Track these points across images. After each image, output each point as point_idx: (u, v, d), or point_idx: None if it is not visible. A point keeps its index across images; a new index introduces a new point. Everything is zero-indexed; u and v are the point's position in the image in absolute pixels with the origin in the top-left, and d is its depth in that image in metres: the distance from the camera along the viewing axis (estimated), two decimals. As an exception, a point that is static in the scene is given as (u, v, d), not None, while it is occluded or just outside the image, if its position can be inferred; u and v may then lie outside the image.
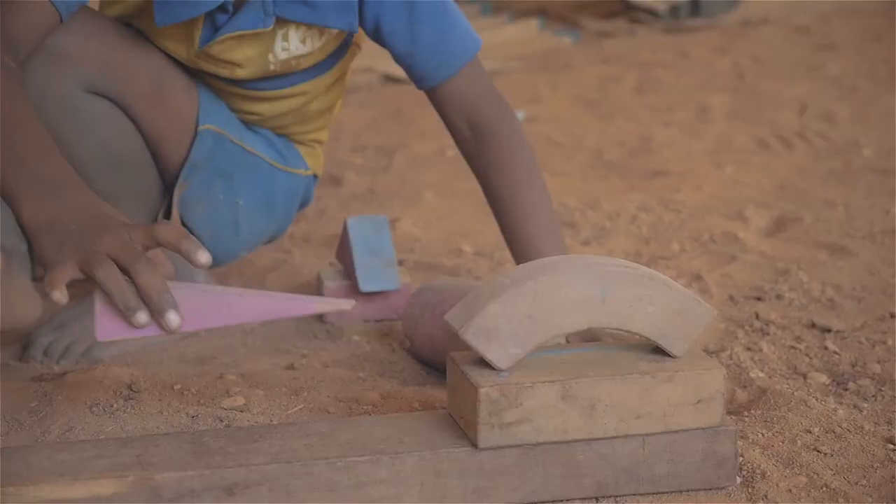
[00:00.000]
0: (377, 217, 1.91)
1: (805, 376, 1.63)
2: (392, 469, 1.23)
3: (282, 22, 1.61)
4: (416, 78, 1.66)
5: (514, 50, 4.07)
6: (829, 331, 1.79)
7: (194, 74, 1.69)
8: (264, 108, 1.74)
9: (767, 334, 1.78)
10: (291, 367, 1.67)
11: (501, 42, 4.11)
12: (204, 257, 1.20)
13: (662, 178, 2.67)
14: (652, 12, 4.40)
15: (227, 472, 1.19)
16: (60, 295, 1.18)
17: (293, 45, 1.65)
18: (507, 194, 1.65)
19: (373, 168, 2.81)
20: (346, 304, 1.27)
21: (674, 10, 4.38)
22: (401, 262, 2.09)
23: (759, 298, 1.94)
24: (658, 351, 1.33)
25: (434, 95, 1.67)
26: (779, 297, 1.94)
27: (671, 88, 3.57)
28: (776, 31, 4.32)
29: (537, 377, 1.26)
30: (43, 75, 1.53)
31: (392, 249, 1.88)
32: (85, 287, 1.23)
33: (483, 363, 1.28)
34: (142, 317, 1.18)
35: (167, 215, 1.73)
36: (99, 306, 1.19)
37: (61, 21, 1.47)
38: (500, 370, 1.27)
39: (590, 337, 1.51)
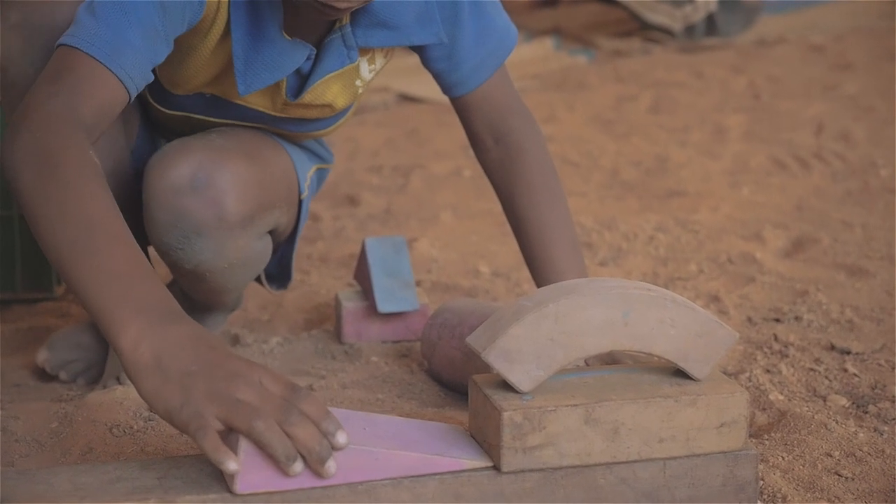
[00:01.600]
0: (395, 238, 1.91)
1: (825, 399, 1.63)
2: (413, 492, 1.22)
3: (364, 49, 1.56)
4: (450, 84, 1.61)
5: (530, 69, 4.08)
6: (848, 353, 1.79)
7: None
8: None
9: (786, 356, 1.78)
10: (310, 388, 1.67)
11: (517, 61, 4.12)
12: (343, 439, 1.14)
13: (679, 198, 2.67)
14: (667, 31, 4.40)
15: (249, 495, 1.19)
16: (236, 465, 1.11)
17: (378, 64, 1.60)
18: (530, 214, 1.63)
19: (389, 188, 2.81)
20: (486, 462, 1.25)
21: (689, 30, 4.38)
22: (418, 283, 2.10)
23: (777, 320, 1.94)
24: (680, 374, 1.33)
25: (461, 103, 1.63)
26: (797, 318, 1.94)
27: (687, 108, 3.57)
28: (792, 50, 4.32)
29: (560, 401, 1.26)
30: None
31: (410, 270, 1.88)
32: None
33: (505, 386, 1.27)
34: (299, 466, 1.13)
35: None
36: (246, 459, 1.13)
37: (129, 98, 1.38)
38: (523, 393, 1.27)
39: (610, 359, 1.51)
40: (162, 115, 1.64)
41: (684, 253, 2.29)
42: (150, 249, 1.68)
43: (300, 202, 1.70)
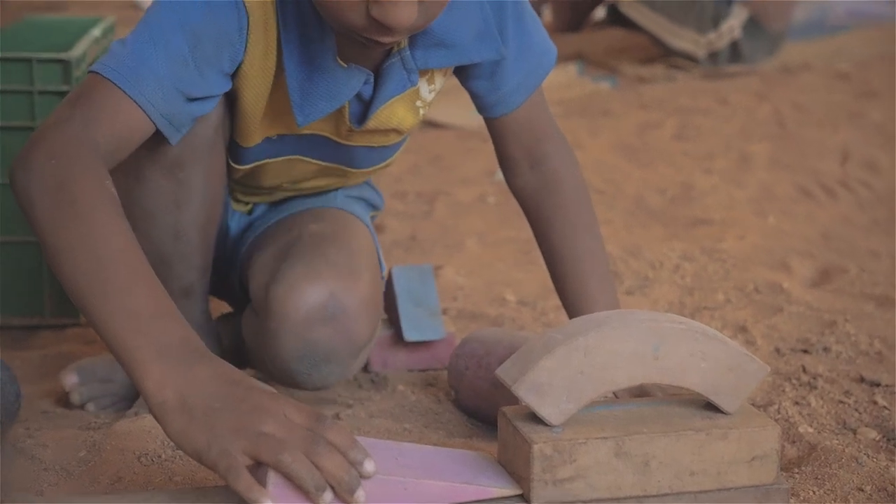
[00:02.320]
0: (422, 266, 1.91)
1: (855, 432, 1.62)
2: (443, 525, 1.22)
3: (424, 70, 1.53)
4: (490, 104, 1.59)
5: (553, 95, 4.05)
6: (878, 385, 1.78)
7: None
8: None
9: (815, 388, 1.77)
10: (337, 416, 1.67)
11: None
12: (371, 467, 1.14)
13: (705, 226, 2.66)
14: (691, 58, 4.39)
15: (278, 526, 1.18)
16: (270, 502, 1.10)
17: (438, 84, 1.58)
18: (565, 243, 1.62)
19: (414, 214, 2.81)
20: (515, 489, 1.25)
21: (713, 56, 4.37)
22: (444, 311, 2.09)
23: (805, 351, 1.93)
24: (710, 407, 1.33)
25: (499, 124, 1.61)
26: (826, 349, 1.93)
27: (711, 135, 3.56)
28: (816, 77, 4.31)
29: (591, 433, 1.25)
30: None
31: (437, 299, 1.88)
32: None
33: (535, 418, 1.27)
34: (329, 496, 1.12)
35: None
36: (275, 492, 1.12)
37: (152, 126, 1.37)
38: (553, 426, 1.26)
39: (639, 392, 1.50)
40: (237, 173, 1.63)
41: (711, 282, 2.29)
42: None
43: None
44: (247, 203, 1.75)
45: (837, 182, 3.02)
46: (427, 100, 1.58)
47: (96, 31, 2.20)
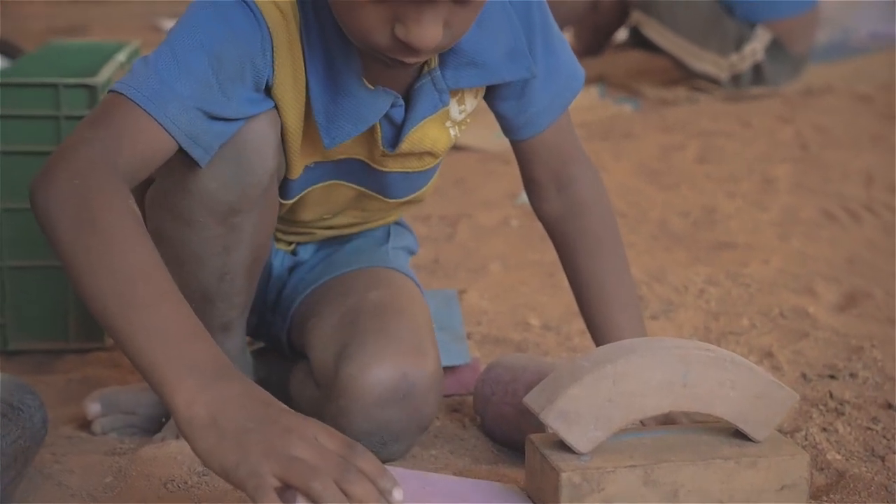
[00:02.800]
0: (447, 291, 1.91)
1: (883, 459, 1.61)
2: (471, 554, 1.22)
3: (454, 90, 1.53)
4: (517, 126, 1.58)
5: (575, 118, 4.04)
6: (905, 411, 1.77)
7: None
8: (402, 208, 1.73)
9: (843, 414, 1.76)
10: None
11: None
12: (399, 496, 1.13)
13: (729, 250, 2.66)
14: (713, 80, 4.39)
15: (306, 555, 1.18)
16: None
17: (469, 105, 1.57)
18: (591, 269, 1.61)
19: (437, 238, 2.81)
20: None
21: (735, 79, 4.37)
22: (468, 336, 2.09)
23: (832, 377, 1.92)
24: (739, 434, 1.32)
25: (525, 147, 1.60)
26: (853, 375, 1.92)
27: (734, 158, 3.55)
28: (839, 100, 4.30)
29: (619, 462, 1.25)
30: None
31: (462, 324, 1.88)
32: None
33: (563, 446, 1.27)
34: None
35: None
36: None
37: (175, 145, 1.37)
38: (581, 454, 1.26)
39: (666, 419, 1.49)
40: (282, 209, 1.62)
41: (735, 307, 2.28)
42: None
43: None
44: (289, 243, 1.75)
45: (861, 205, 3.01)
46: (457, 120, 1.57)
47: (121, 56, 2.21)
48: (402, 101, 1.50)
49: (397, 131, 1.52)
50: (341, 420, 1.51)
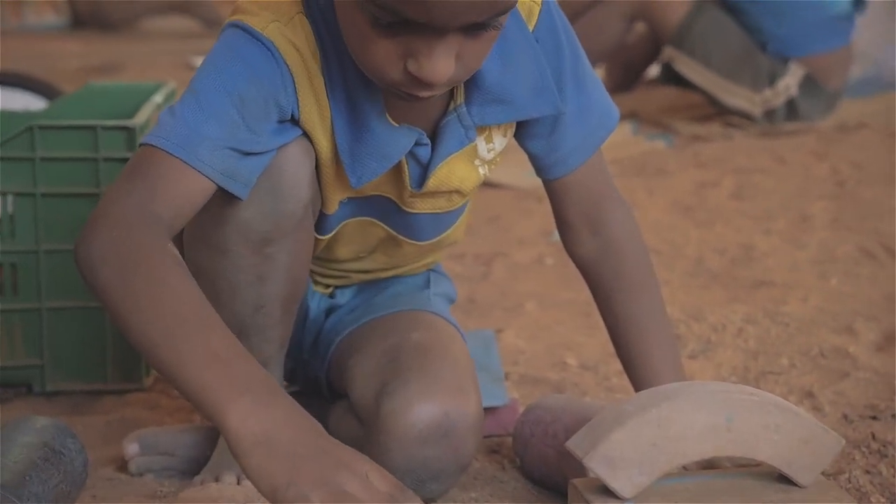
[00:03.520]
0: (485, 332, 1.91)
1: (928, 502, 1.59)
2: None
3: (481, 128, 1.53)
4: (548, 165, 1.58)
5: (608, 154, 4.02)
6: (950, 453, 1.74)
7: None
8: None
9: (886, 456, 1.74)
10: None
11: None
12: None
13: (767, 288, 2.64)
14: (747, 116, 4.38)
15: None
16: None
17: (497, 143, 1.57)
18: (628, 312, 1.60)
19: (472, 276, 2.80)
20: None
21: (769, 114, 4.35)
22: (506, 376, 2.08)
23: (874, 417, 1.90)
24: (783, 479, 1.31)
25: (557, 186, 1.59)
26: (895, 416, 1.90)
27: (770, 194, 3.54)
28: (874, 135, 4.28)
29: (663, 508, 1.24)
30: None
31: (500, 365, 1.87)
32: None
33: (607, 491, 1.26)
34: None
35: None
36: None
37: (213, 186, 1.39)
38: (625, 499, 1.25)
39: (708, 464, 1.48)
40: (318, 247, 1.63)
41: (775, 346, 2.26)
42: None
43: None
44: (326, 286, 1.75)
45: (900, 243, 2.99)
46: (485, 158, 1.57)
47: (158, 98, 2.22)
48: (427, 140, 1.50)
49: (424, 170, 1.53)
50: (381, 457, 1.51)
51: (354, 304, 1.73)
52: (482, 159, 1.57)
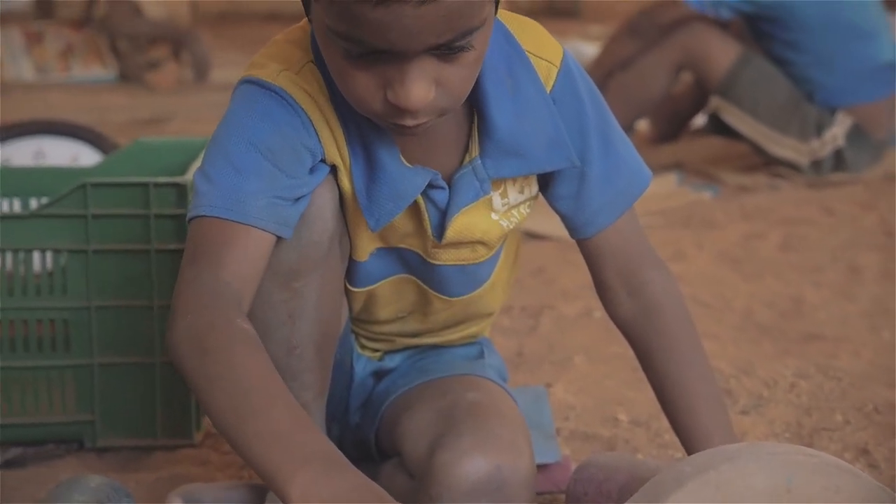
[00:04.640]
0: (537, 388, 1.90)
1: None
2: None
3: (496, 181, 1.55)
4: (578, 225, 1.59)
5: (653, 205, 4.05)
6: None
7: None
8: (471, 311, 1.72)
9: (945, 515, 1.71)
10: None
11: (640, 198, 4.09)
12: None
13: (818, 342, 2.61)
14: (793, 166, 4.36)
15: None
16: None
17: (512, 198, 1.57)
18: (671, 371, 1.59)
19: (519, 330, 2.79)
20: None
21: (816, 164, 4.33)
22: (557, 432, 2.06)
23: (931, 475, 1.87)
24: (844, 542, 1.28)
25: (589, 246, 1.61)
26: (953, 473, 1.87)
27: (818, 246, 3.51)
28: (921, 184, 4.26)
29: (724, 572, 1.22)
30: None
31: (552, 421, 1.86)
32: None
33: (665, 555, 1.24)
34: None
35: None
36: None
37: (273, 237, 1.43)
38: (684, 563, 1.23)
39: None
40: (356, 304, 1.65)
41: (828, 402, 2.24)
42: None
43: None
44: (374, 350, 1.75)
45: (952, 295, 2.96)
46: (500, 211, 1.58)
47: (209, 153, 2.23)
48: (443, 184, 1.52)
49: (442, 217, 1.54)
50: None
51: (406, 367, 1.73)
52: (498, 212, 1.58)
